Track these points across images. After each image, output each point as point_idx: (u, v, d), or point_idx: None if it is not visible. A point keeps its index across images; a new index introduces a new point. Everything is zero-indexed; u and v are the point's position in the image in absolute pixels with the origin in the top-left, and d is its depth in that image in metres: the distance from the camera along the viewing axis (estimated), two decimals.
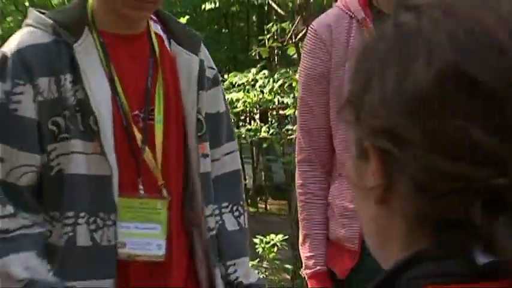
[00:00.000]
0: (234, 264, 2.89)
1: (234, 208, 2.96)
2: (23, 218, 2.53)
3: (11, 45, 2.58)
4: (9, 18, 14.43)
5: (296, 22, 9.91)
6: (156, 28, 2.79)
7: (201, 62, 2.81)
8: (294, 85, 9.43)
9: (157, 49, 2.74)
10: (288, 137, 9.77)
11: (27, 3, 16.71)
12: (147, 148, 2.67)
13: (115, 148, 2.59)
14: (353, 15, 3.02)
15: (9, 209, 2.52)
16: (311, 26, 3.20)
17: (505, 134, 1.05)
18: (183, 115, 2.76)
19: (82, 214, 2.57)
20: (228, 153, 2.99)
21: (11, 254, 2.49)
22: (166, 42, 2.79)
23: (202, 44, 2.92)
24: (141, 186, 2.66)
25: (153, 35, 2.75)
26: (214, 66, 2.97)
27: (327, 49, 3.05)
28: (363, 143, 1.17)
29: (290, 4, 10.10)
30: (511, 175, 1.04)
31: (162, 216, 2.67)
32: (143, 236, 2.63)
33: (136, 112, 2.68)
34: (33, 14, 2.65)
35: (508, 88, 1.05)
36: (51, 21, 2.58)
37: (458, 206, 1.06)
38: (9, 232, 2.50)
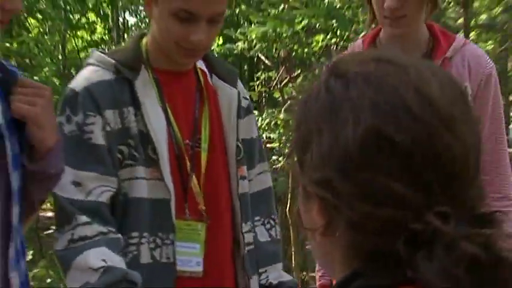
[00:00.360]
0: (266, 270, 2.77)
1: (266, 221, 2.83)
2: (100, 226, 2.41)
3: (78, 82, 2.48)
4: (45, 69, 14.07)
5: (280, 71, 9.97)
6: (200, 64, 2.66)
7: (238, 93, 2.70)
8: (278, 123, 9.45)
9: (203, 83, 2.64)
10: (274, 166, 9.53)
11: (60, 57, 16.75)
12: (194, 175, 2.56)
13: (171, 173, 2.48)
14: None
15: (86, 219, 2.39)
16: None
17: (417, 186, 1.07)
18: (224, 142, 2.64)
19: (145, 234, 2.48)
20: (260, 173, 2.85)
21: (89, 249, 2.37)
22: (208, 77, 2.67)
23: (238, 77, 2.80)
24: (187, 210, 2.54)
25: (199, 71, 2.65)
26: (248, 97, 2.84)
27: None
28: (307, 189, 1.20)
29: (275, 56, 10.01)
30: (423, 220, 1.05)
31: (201, 237, 2.55)
32: (186, 254, 2.53)
33: (186, 141, 2.57)
34: (95, 54, 2.56)
35: (420, 148, 1.07)
36: (113, 61, 2.49)
37: (385, 241, 1.07)
38: (87, 238, 2.39)
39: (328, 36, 8.09)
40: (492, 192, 2.67)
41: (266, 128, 9.71)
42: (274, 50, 8.84)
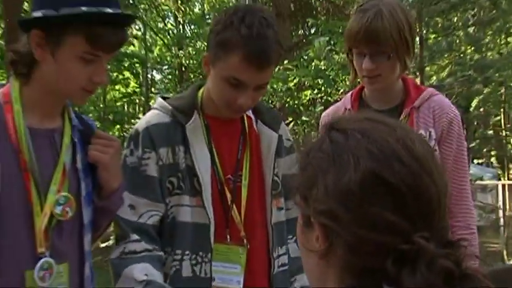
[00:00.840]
0: (295, 279, 2.68)
1: (295, 238, 2.65)
2: (147, 244, 2.39)
3: (142, 123, 2.46)
4: (90, 115, 14.10)
5: None
6: (248, 111, 2.56)
7: (280, 136, 2.60)
8: None
9: (247, 129, 2.55)
10: None
11: (101, 105, 16.77)
12: (234, 206, 2.48)
13: (212, 203, 2.42)
14: (346, 107, 2.87)
15: (137, 237, 2.39)
16: (322, 114, 3.06)
17: (407, 215, 1.11)
18: (262, 178, 2.55)
19: (187, 252, 2.43)
20: None
21: (135, 264, 2.35)
22: (254, 122, 2.58)
23: (282, 122, 2.70)
24: (228, 236, 2.47)
25: (245, 117, 2.57)
26: (290, 138, 2.72)
27: None
28: (309, 218, 1.21)
29: (272, 107, 9.42)
30: (410, 241, 1.09)
31: (242, 259, 2.47)
32: (227, 273, 2.47)
33: (228, 176, 2.49)
34: (159, 100, 2.53)
35: (407, 187, 1.12)
36: (170, 107, 2.46)
37: (376, 261, 1.11)
38: (136, 253, 2.37)
39: (315, 92, 8.15)
40: (456, 221, 2.67)
41: None
42: (270, 102, 8.91)
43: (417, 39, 14.73)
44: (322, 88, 8.07)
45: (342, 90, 7.67)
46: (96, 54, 2.06)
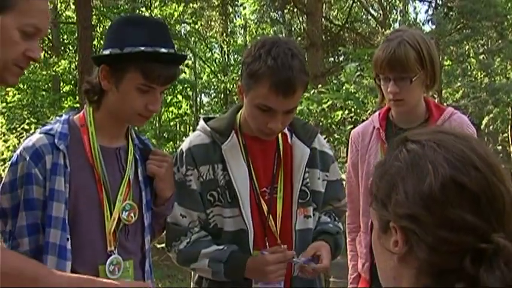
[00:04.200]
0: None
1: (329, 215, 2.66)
2: (204, 233, 2.42)
3: (186, 144, 2.46)
4: (147, 134, 14.19)
5: None
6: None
7: (313, 149, 2.51)
8: None
9: (281, 145, 2.49)
10: None
11: (157, 125, 16.77)
12: (271, 216, 2.42)
13: (251, 214, 2.38)
14: (374, 126, 2.83)
15: (196, 229, 2.43)
16: (352, 132, 3.03)
17: (484, 217, 1.08)
18: (292, 188, 2.46)
19: None
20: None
21: (207, 245, 2.40)
22: (289, 137, 2.51)
23: (318, 134, 2.59)
24: (267, 244, 2.40)
25: (280, 135, 2.49)
26: (329, 150, 2.63)
27: (356, 148, 2.87)
28: (388, 222, 1.16)
29: None
30: (489, 240, 1.07)
31: None
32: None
33: (264, 189, 2.44)
34: (201, 123, 2.51)
35: (483, 191, 1.09)
36: (209, 129, 2.44)
37: (455, 260, 1.08)
38: (202, 238, 2.42)
39: (346, 112, 8.09)
40: None
41: None
42: (307, 122, 8.82)
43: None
44: (352, 109, 8.01)
45: (369, 111, 7.59)
46: (151, 86, 2.14)
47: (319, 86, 8.39)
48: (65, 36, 18.60)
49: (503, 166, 1.15)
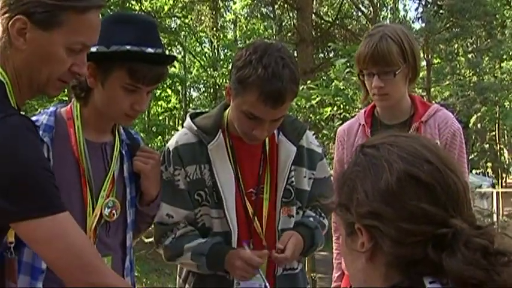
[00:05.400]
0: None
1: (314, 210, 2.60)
2: (190, 228, 2.38)
3: (172, 143, 2.41)
4: (136, 127, 14.05)
5: None
6: None
7: (301, 148, 2.45)
8: None
9: (267, 145, 2.43)
10: None
11: (146, 119, 16.69)
12: (256, 218, 2.39)
13: (236, 215, 2.35)
14: (360, 122, 2.81)
15: (182, 225, 2.38)
16: (338, 129, 3.00)
17: (440, 205, 1.12)
18: (276, 188, 2.42)
19: None
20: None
21: (192, 239, 2.36)
22: (275, 133, 2.43)
23: (307, 132, 2.53)
24: (251, 245, 2.35)
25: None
26: (317, 148, 2.56)
27: (342, 145, 2.86)
28: (353, 225, 1.20)
29: None
30: (447, 225, 1.11)
31: (264, 265, 2.34)
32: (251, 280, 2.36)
33: (251, 190, 2.40)
34: (187, 120, 2.45)
35: (437, 182, 1.14)
36: (196, 128, 2.38)
37: (419, 249, 1.11)
38: (188, 232, 2.39)
39: (335, 109, 8.09)
40: None
41: None
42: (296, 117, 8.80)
43: (424, 63, 14.77)
44: (341, 105, 8.00)
45: (358, 107, 7.60)
46: (137, 86, 2.11)
47: (309, 82, 8.38)
48: None
49: (491, 164, 1.18)
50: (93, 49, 2.05)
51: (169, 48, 18.02)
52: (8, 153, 1.52)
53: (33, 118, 2.12)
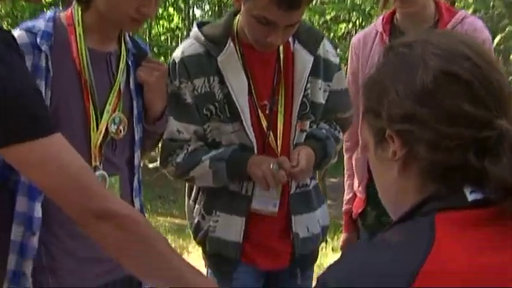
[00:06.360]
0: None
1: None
2: (201, 143, 2.36)
3: (178, 54, 2.35)
4: None
5: None
6: None
7: (317, 57, 2.37)
8: None
9: (282, 54, 2.36)
10: None
11: (147, 39, 16.54)
12: (271, 133, 2.34)
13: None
14: (377, 30, 2.75)
15: (193, 143, 2.34)
16: (353, 39, 2.93)
17: (482, 105, 1.06)
18: (292, 101, 2.36)
19: None
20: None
21: (207, 152, 2.34)
22: (291, 43, 2.36)
23: (324, 40, 2.44)
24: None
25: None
26: (334, 58, 2.46)
27: (356, 55, 2.80)
28: (383, 132, 1.14)
29: None
30: (491, 127, 1.05)
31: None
32: (264, 196, 2.36)
33: (265, 102, 2.34)
34: (194, 29, 2.39)
35: (477, 79, 1.07)
36: (203, 38, 2.32)
37: (458, 155, 1.06)
38: (201, 147, 2.36)
39: (350, 25, 7.96)
40: None
41: None
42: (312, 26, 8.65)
43: None
44: (357, 22, 7.85)
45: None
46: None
47: None
48: None
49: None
50: None
51: None
52: None
53: (29, 24, 2.03)
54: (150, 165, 7.08)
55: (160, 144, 2.43)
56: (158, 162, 2.52)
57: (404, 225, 1.07)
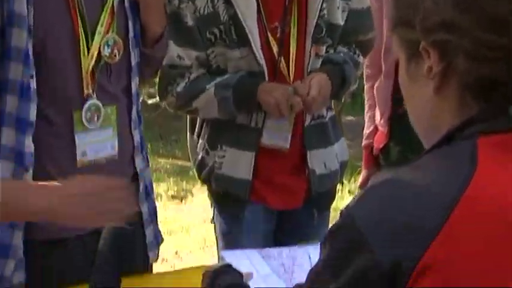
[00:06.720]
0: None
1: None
2: (204, 71, 2.28)
3: None
4: None
5: None
6: None
7: None
8: None
9: None
10: None
11: None
12: (282, 58, 2.26)
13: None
14: None
15: (195, 71, 2.26)
16: None
17: None
18: (306, 24, 2.27)
19: None
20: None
21: (209, 80, 2.25)
22: None
23: None
24: None
25: None
26: None
27: None
28: (417, 46, 1.08)
29: None
30: None
31: (291, 115, 2.26)
32: (275, 128, 2.29)
33: (276, 24, 2.25)
34: None
35: None
36: None
37: (501, 69, 1.01)
38: (203, 75, 2.28)
39: None
40: None
41: None
42: None
43: None
44: None
45: None
46: None
47: None
48: None
49: None
50: None
51: None
52: None
53: None
54: (149, 101, 6.83)
55: (158, 73, 2.32)
56: (158, 97, 2.45)
57: (442, 150, 1.03)
